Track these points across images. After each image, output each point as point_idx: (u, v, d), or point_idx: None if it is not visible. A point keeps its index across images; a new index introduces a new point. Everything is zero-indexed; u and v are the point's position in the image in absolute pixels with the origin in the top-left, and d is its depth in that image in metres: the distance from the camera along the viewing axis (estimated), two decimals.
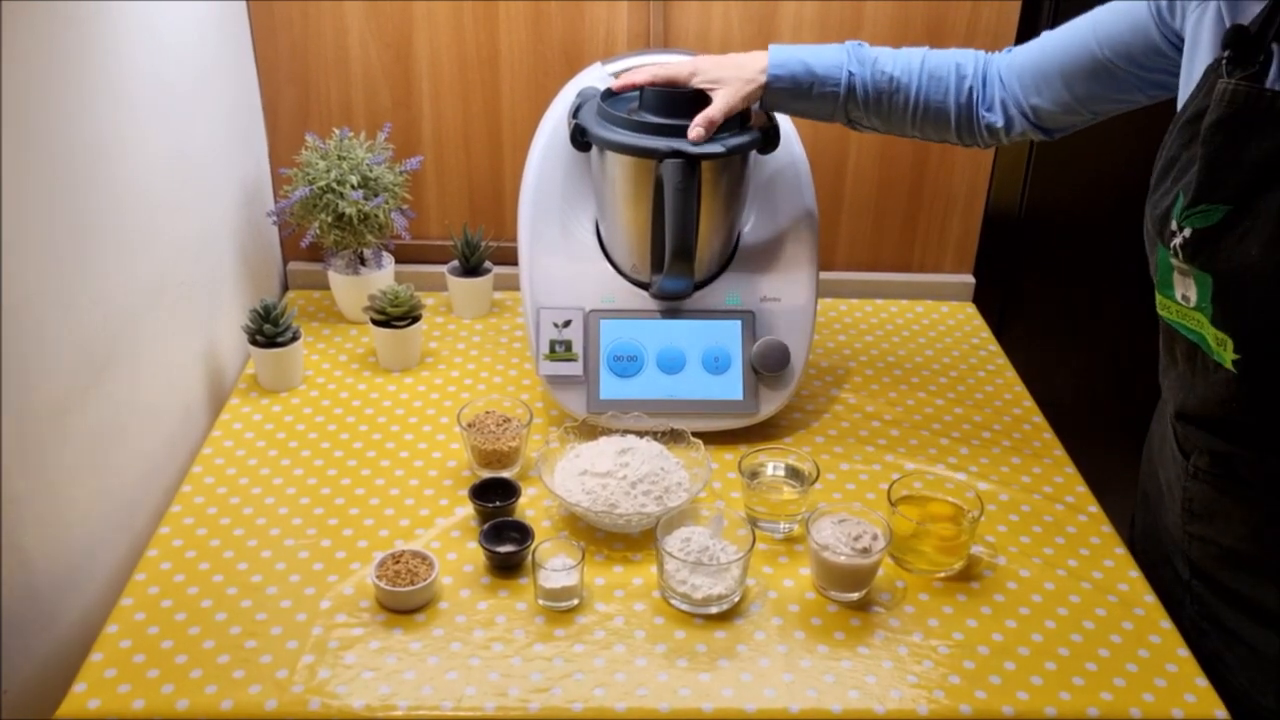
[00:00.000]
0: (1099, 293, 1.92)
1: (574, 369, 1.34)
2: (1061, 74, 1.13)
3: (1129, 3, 1.06)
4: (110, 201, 1.14)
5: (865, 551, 1.10)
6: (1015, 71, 1.18)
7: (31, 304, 0.98)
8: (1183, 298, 0.97)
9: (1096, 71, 1.10)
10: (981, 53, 1.22)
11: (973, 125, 1.21)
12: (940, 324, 1.67)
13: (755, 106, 1.27)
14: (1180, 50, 1.01)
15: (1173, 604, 1.13)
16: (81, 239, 1.08)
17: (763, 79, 1.21)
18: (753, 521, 1.20)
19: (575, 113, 1.32)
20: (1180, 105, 0.99)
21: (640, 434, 1.27)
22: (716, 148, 1.23)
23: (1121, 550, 1.20)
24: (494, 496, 1.21)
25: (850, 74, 1.20)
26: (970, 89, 1.20)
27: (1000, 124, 1.20)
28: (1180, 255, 0.94)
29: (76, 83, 1.06)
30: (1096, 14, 1.10)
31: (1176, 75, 1.02)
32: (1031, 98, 1.17)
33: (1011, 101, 1.19)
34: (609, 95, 1.31)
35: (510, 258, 1.50)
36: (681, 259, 1.26)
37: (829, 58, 1.21)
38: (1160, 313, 1.02)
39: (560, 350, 1.34)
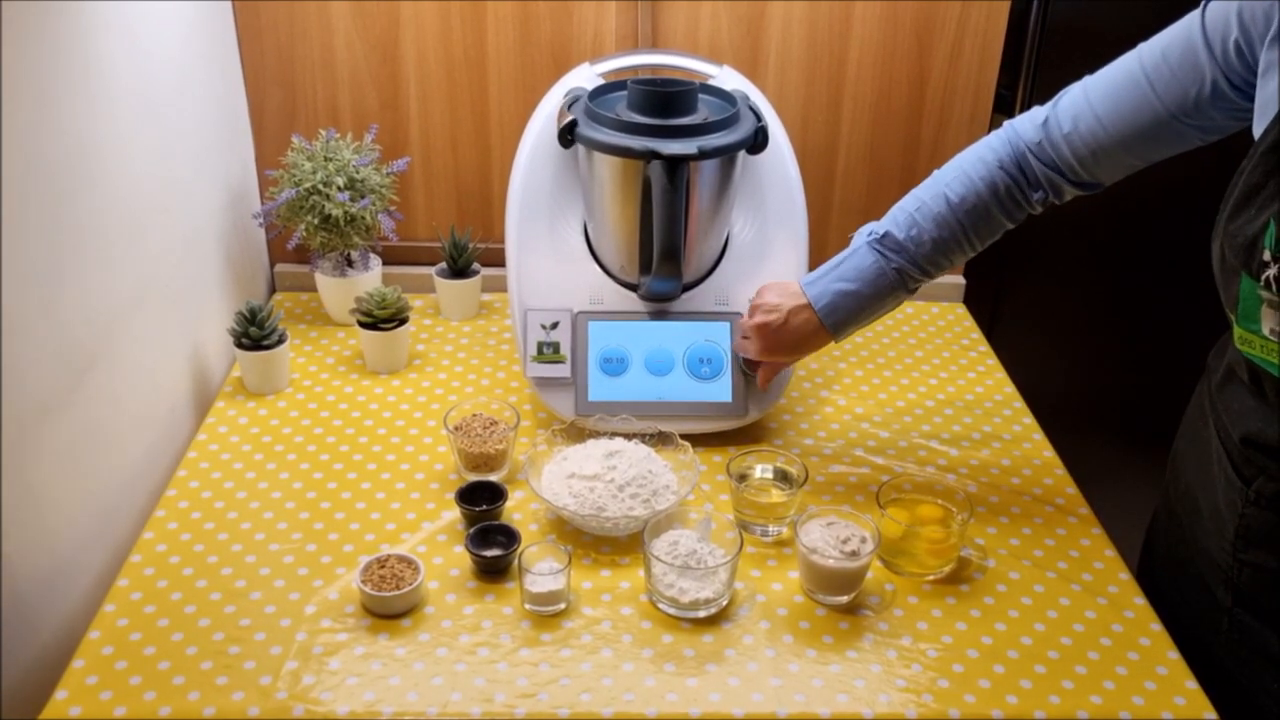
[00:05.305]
0: (1089, 295, 1.91)
1: (562, 371, 1.33)
2: (1126, 148, 1.08)
3: (1180, 50, 1.01)
4: (94, 204, 1.13)
5: (854, 554, 1.10)
6: (1071, 153, 1.10)
7: (13, 307, 0.97)
8: (1271, 332, 0.92)
9: (1162, 134, 1.05)
10: (1005, 145, 1.14)
11: (1023, 212, 1.17)
12: (930, 325, 1.67)
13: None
14: (1241, 89, 0.98)
15: (1205, 628, 1.10)
16: (64, 242, 1.07)
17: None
18: (741, 524, 1.19)
19: (566, 110, 1.32)
20: (1259, 132, 0.94)
21: (628, 436, 1.26)
22: (704, 148, 1.22)
23: (1111, 553, 1.20)
24: (481, 500, 1.20)
25: (895, 270, 1.19)
26: (1008, 190, 1.14)
27: (1050, 197, 1.15)
28: (1275, 287, 0.89)
29: (58, 85, 1.05)
30: (1149, 73, 1.04)
31: (1237, 117, 1.00)
32: (1093, 174, 1.12)
33: (1062, 178, 1.13)
34: (597, 94, 1.30)
35: (498, 259, 1.49)
36: (669, 260, 1.25)
37: (866, 271, 1.20)
38: (1240, 347, 0.97)
39: (548, 352, 1.33)
